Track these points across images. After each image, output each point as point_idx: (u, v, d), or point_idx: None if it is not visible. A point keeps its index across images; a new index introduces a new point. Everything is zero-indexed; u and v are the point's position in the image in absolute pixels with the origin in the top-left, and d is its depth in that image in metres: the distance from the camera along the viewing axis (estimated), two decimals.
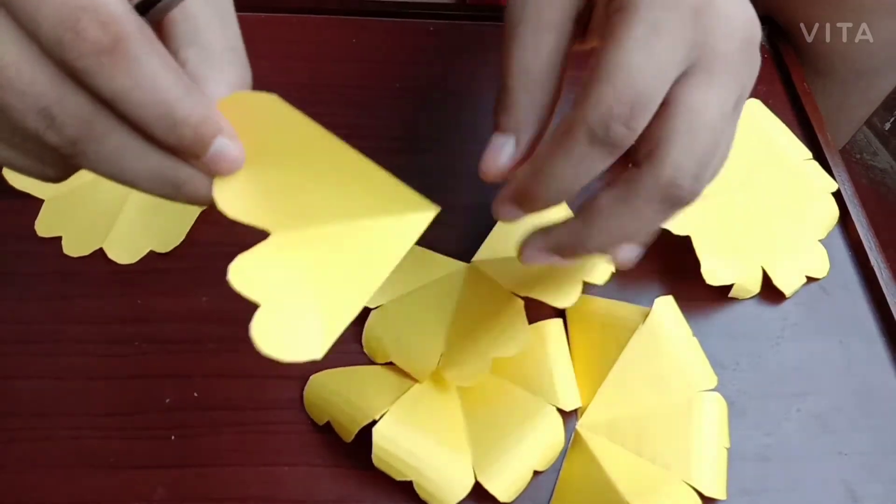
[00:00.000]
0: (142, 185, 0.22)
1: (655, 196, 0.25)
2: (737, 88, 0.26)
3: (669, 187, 0.25)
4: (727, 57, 0.25)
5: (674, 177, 0.25)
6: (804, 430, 0.36)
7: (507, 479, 0.32)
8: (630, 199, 0.26)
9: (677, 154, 0.25)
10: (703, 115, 0.25)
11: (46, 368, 0.35)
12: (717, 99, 0.25)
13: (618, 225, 0.26)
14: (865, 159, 1.17)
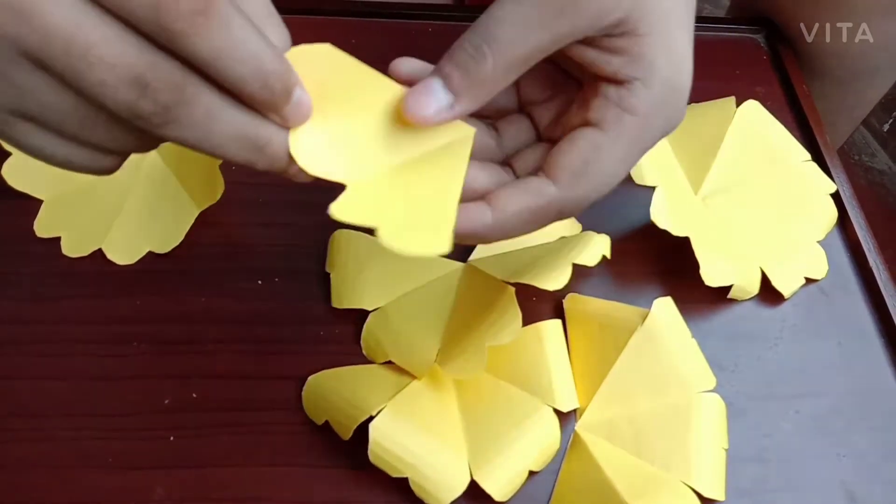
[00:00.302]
0: (228, 148, 0.23)
1: (557, 215, 0.28)
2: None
3: (572, 214, 0.28)
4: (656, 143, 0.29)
5: (580, 207, 0.28)
6: (802, 431, 0.36)
7: (503, 478, 0.32)
8: (541, 213, 0.28)
9: (593, 190, 0.28)
10: (625, 166, 0.28)
11: (45, 369, 0.35)
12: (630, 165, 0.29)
13: (523, 228, 0.28)
14: (864, 160, 1.17)
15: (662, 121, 0.27)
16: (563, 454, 0.34)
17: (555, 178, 0.27)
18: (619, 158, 0.27)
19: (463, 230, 0.26)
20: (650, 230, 0.37)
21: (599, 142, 0.27)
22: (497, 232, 0.27)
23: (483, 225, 0.27)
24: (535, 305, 0.38)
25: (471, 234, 0.27)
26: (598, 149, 0.27)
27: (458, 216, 0.26)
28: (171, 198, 0.40)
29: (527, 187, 0.27)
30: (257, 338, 0.37)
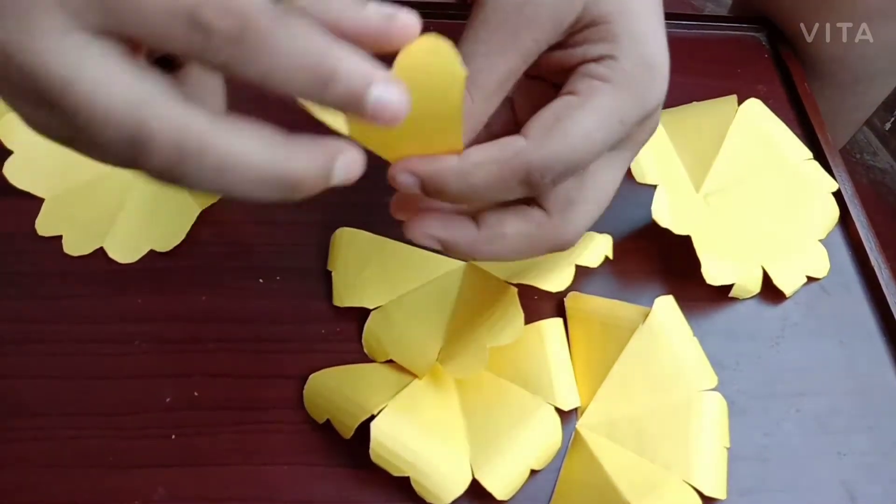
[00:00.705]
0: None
1: (551, 247, 0.29)
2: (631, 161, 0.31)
3: (565, 244, 0.29)
4: (639, 142, 0.30)
5: (572, 239, 0.29)
6: (804, 430, 0.36)
7: (505, 477, 0.32)
8: (534, 241, 0.28)
9: (585, 219, 0.29)
10: (612, 188, 0.30)
11: (46, 367, 0.35)
12: (621, 174, 0.30)
13: (512, 252, 0.28)
14: (866, 159, 1.17)
15: (637, 93, 0.27)
16: (565, 453, 0.34)
17: (525, 132, 0.26)
18: (592, 123, 0.26)
19: (426, 170, 0.26)
20: (651, 229, 0.37)
21: (571, 102, 0.27)
22: (460, 180, 0.26)
23: (447, 167, 0.26)
24: (537, 304, 0.38)
25: (433, 175, 0.26)
26: (570, 107, 0.26)
27: (426, 161, 0.26)
28: (173, 196, 0.40)
29: (497, 142, 0.26)
30: (259, 336, 0.37)
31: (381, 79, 0.21)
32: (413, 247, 0.39)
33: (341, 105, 0.21)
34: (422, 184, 0.26)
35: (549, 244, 0.29)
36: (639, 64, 0.27)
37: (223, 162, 0.20)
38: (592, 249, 0.37)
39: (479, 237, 0.28)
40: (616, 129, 0.27)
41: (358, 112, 0.21)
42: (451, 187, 0.26)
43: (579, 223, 0.29)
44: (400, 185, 0.26)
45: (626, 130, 0.27)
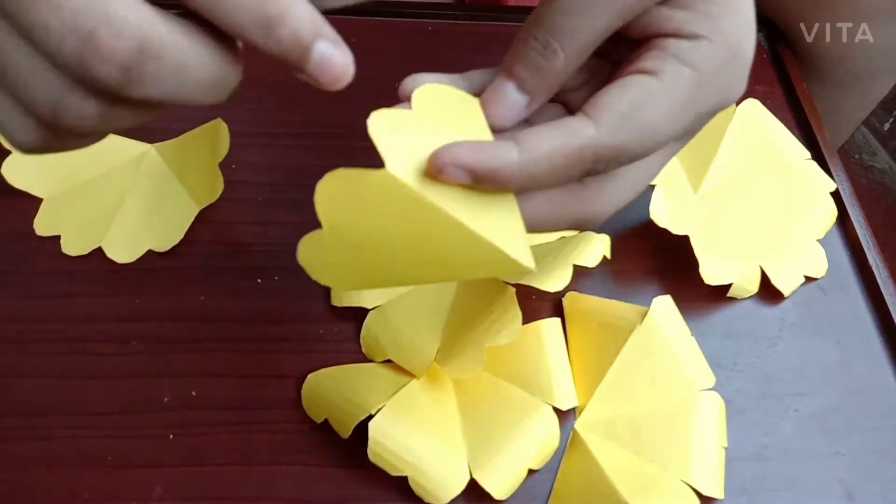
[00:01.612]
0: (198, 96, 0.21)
1: (577, 220, 0.26)
2: None
3: (592, 219, 0.26)
4: (696, 133, 0.28)
5: (600, 216, 0.26)
6: (801, 430, 0.36)
7: (502, 477, 0.32)
8: (558, 209, 0.26)
9: (616, 200, 0.27)
10: (654, 175, 0.27)
11: (45, 367, 0.35)
12: (665, 163, 0.28)
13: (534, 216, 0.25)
14: (864, 159, 1.17)
15: (722, 86, 0.25)
16: (563, 452, 0.34)
17: (597, 118, 0.24)
18: (670, 112, 0.24)
19: (482, 166, 0.22)
20: (649, 229, 0.37)
21: (653, 88, 0.24)
22: (522, 175, 0.23)
23: (507, 163, 0.23)
24: (535, 304, 0.38)
25: (491, 172, 0.23)
26: (651, 94, 0.24)
27: (479, 151, 0.22)
28: (171, 196, 0.40)
29: (562, 126, 0.24)
30: (257, 336, 0.37)
31: (329, 36, 0.20)
32: None
33: (284, 53, 0.20)
34: (473, 178, 0.23)
35: (575, 216, 0.26)
36: (732, 51, 0.25)
37: (181, 65, 0.19)
38: (590, 249, 0.37)
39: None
40: (691, 123, 0.25)
41: (300, 65, 0.20)
42: (512, 182, 0.23)
43: (611, 201, 0.26)
44: (448, 177, 0.23)
45: (698, 125, 0.26)
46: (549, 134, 0.23)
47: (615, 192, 0.26)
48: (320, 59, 0.20)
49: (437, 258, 0.24)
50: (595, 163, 0.24)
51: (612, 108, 0.24)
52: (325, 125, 0.44)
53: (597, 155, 0.24)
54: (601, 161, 0.24)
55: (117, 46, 0.18)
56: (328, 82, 0.21)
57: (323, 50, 0.20)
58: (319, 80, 0.21)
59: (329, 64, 0.20)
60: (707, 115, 0.25)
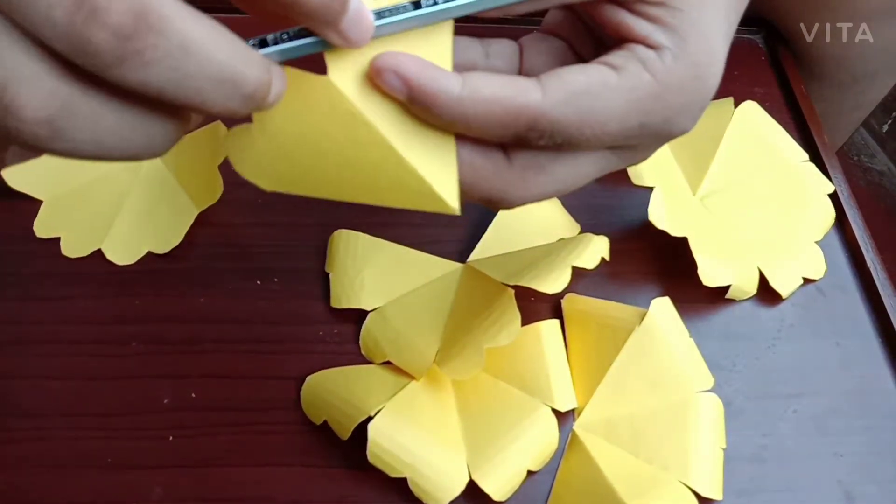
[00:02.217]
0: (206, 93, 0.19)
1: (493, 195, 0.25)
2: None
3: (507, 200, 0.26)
4: (632, 159, 0.27)
5: (517, 200, 0.25)
6: (800, 431, 0.36)
7: (501, 478, 0.32)
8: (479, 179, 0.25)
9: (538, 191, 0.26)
10: (580, 182, 0.26)
11: (45, 369, 0.35)
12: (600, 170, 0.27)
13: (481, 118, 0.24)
14: (863, 161, 1.18)
15: (675, 106, 0.25)
16: (562, 454, 0.34)
17: (547, 86, 0.23)
18: (619, 109, 0.24)
19: (420, 84, 0.22)
20: (648, 230, 0.37)
21: (610, 80, 0.24)
22: (456, 110, 0.23)
23: (447, 90, 0.22)
24: (534, 305, 0.38)
25: (428, 94, 0.22)
26: (606, 85, 0.24)
27: (423, 68, 0.22)
28: (171, 198, 0.40)
29: (511, 81, 0.23)
30: (256, 338, 0.37)
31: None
32: (411, 249, 0.39)
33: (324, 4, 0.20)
34: (408, 92, 0.22)
35: (489, 191, 0.25)
36: (693, 74, 0.25)
37: (186, 45, 0.18)
38: (589, 251, 0.37)
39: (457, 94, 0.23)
40: (634, 131, 0.25)
41: (335, 18, 0.20)
42: (441, 111, 0.23)
43: (530, 191, 0.25)
44: (383, 82, 0.22)
45: (641, 137, 0.25)
46: (497, 83, 0.23)
47: (537, 184, 0.25)
48: (355, 13, 0.20)
49: (363, 177, 0.23)
50: (528, 129, 0.23)
51: (565, 82, 0.23)
52: None
53: (534, 121, 0.23)
54: (535, 130, 0.23)
55: (114, 9, 0.16)
56: (358, 37, 0.21)
57: (357, 5, 0.20)
58: (349, 36, 0.21)
59: (362, 18, 0.21)
60: (650, 132, 0.25)
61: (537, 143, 0.24)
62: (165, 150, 0.21)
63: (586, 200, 0.41)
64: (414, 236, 0.39)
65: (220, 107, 0.19)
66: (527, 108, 0.23)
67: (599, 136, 0.24)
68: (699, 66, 0.25)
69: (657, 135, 0.26)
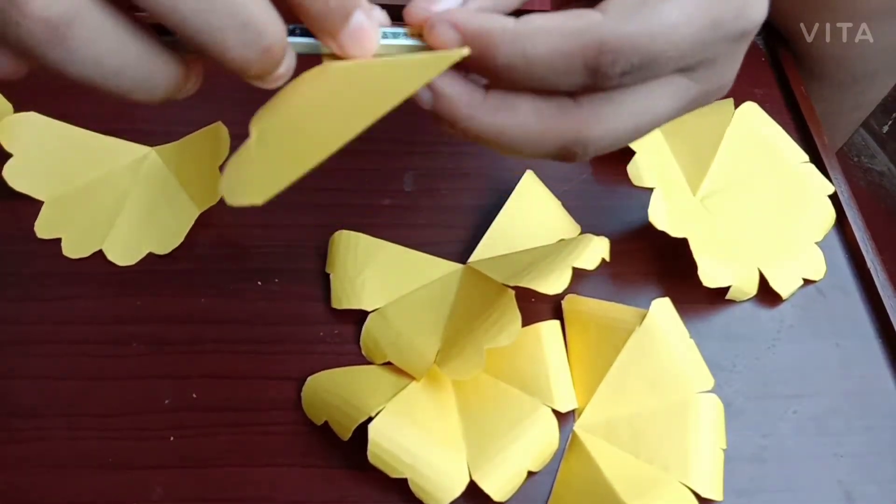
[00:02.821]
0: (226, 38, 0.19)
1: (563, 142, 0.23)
2: (692, 108, 0.26)
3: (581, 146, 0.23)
4: (717, 84, 0.26)
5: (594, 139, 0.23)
6: (800, 432, 0.36)
7: (502, 479, 0.32)
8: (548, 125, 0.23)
9: (615, 127, 0.23)
10: (662, 113, 0.24)
11: (45, 369, 0.35)
12: (678, 106, 0.25)
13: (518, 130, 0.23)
14: (863, 162, 1.18)
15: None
16: (562, 454, 0.34)
17: (604, 7, 0.22)
18: (684, 15, 0.22)
19: (473, 25, 0.21)
20: (648, 231, 0.37)
21: None
22: (514, 47, 0.21)
23: (501, 28, 0.21)
24: (534, 306, 0.38)
25: (482, 33, 0.21)
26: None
27: (474, 13, 0.21)
28: (172, 199, 0.40)
29: (566, 11, 0.22)
30: (257, 338, 0.37)
31: (365, 6, 0.20)
32: (411, 250, 0.39)
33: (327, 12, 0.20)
34: (464, 40, 0.21)
35: (565, 136, 0.23)
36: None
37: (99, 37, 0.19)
38: (589, 252, 0.37)
39: (484, 101, 0.23)
40: (707, 30, 0.22)
41: (334, 30, 0.20)
42: (500, 52, 0.21)
43: (606, 127, 0.23)
44: (437, 36, 0.22)
45: (715, 39, 0.23)
46: (552, 15, 0.21)
47: (611, 118, 0.23)
48: (356, 28, 0.20)
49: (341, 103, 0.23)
50: (600, 55, 0.21)
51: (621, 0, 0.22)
52: None
53: (602, 44, 0.21)
54: (608, 53, 0.21)
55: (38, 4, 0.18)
56: (355, 52, 0.20)
57: (360, 19, 0.20)
58: (346, 49, 0.20)
59: (362, 34, 0.20)
60: (724, 34, 0.23)
61: (616, 73, 0.22)
62: (158, 97, 0.21)
63: (587, 201, 0.42)
64: (414, 237, 0.39)
65: (236, 53, 0.19)
66: (589, 31, 0.21)
67: (675, 45, 0.22)
68: None
69: (731, 35, 0.23)
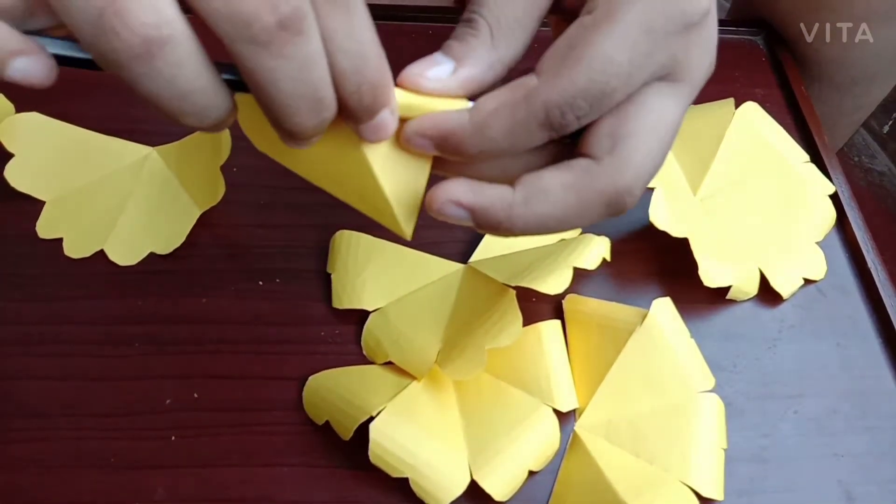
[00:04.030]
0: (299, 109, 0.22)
1: (607, 199, 0.24)
2: (689, 103, 0.26)
3: (624, 194, 0.24)
4: (695, 75, 0.25)
5: (630, 182, 0.24)
6: (801, 432, 0.36)
7: (503, 478, 0.32)
8: (583, 193, 0.24)
9: (641, 158, 0.24)
10: (667, 121, 0.25)
11: (47, 369, 0.35)
12: (677, 109, 0.25)
13: (560, 211, 0.24)
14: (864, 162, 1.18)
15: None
16: (563, 454, 0.34)
17: (537, 69, 0.23)
18: (611, 43, 0.23)
19: (438, 129, 0.24)
20: (649, 231, 0.38)
21: (585, 22, 0.23)
22: (477, 135, 0.23)
23: (460, 123, 0.24)
24: (535, 306, 0.38)
25: (447, 133, 0.24)
26: (583, 28, 0.23)
27: (436, 118, 0.24)
28: (173, 199, 0.40)
29: (508, 84, 0.24)
30: (258, 338, 0.37)
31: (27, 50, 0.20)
32: (412, 249, 0.39)
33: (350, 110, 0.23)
34: (436, 145, 0.24)
35: (604, 194, 0.24)
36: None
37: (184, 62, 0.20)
38: (590, 252, 0.37)
39: (515, 198, 0.24)
40: (643, 43, 0.23)
41: (356, 120, 0.23)
42: (468, 143, 0.24)
43: (635, 161, 0.24)
44: (415, 147, 0.25)
45: (658, 44, 0.23)
46: (496, 92, 0.24)
47: (635, 151, 0.24)
48: (381, 123, 0.23)
49: (341, 181, 0.26)
50: (548, 112, 0.23)
51: (548, 56, 0.23)
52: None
53: (546, 103, 0.23)
54: (554, 109, 0.23)
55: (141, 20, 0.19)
56: (371, 139, 0.23)
57: (384, 117, 0.23)
58: (365, 136, 0.23)
59: (383, 127, 0.23)
60: (663, 32, 0.23)
61: (572, 120, 0.23)
62: (206, 125, 0.22)
63: None
64: (415, 237, 0.39)
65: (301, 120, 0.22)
66: (530, 96, 0.23)
67: (615, 72, 0.23)
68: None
69: (674, 32, 0.24)
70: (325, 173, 0.26)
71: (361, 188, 0.26)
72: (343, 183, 0.26)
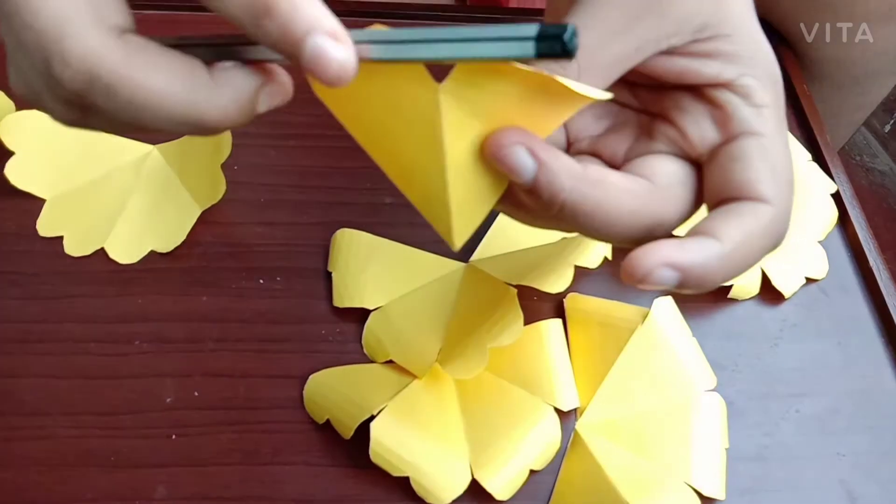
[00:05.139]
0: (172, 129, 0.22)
1: (779, 240, 0.26)
2: None
3: (782, 234, 0.26)
4: None
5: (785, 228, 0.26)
6: (802, 431, 0.36)
7: (504, 477, 0.32)
8: (774, 238, 0.26)
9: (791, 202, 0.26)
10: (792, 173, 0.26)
11: (47, 367, 0.35)
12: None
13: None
14: (865, 161, 1.18)
15: (781, 111, 0.25)
16: (564, 453, 0.34)
17: (759, 193, 0.24)
18: (783, 150, 0.25)
19: (687, 260, 0.23)
20: None
21: (762, 142, 0.24)
22: (727, 265, 0.24)
23: (713, 255, 0.23)
24: (536, 305, 0.38)
25: (696, 266, 0.23)
26: (766, 149, 0.24)
27: (683, 248, 0.23)
28: (174, 197, 0.40)
29: (738, 210, 0.24)
30: (259, 337, 0.37)
31: (327, 29, 0.19)
32: (413, 248, 0.39)
33: (274, 45, 0.19)
34: (682, 279, 0.23)
35: (653, 216, 0.25)
36: (772, 77, 0.25)
37: (134, 98, 0.20)
38: (592, 251, 0.37)
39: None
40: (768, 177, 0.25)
41: (294, 58, 0.19)
42: (715, 276, 0.24)
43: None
44: (657, 280, 0.23)
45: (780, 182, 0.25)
46: (735, 220, 0.24)
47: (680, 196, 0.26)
48: (313, 54, 0.19)
49: (403, 165, 0.24)
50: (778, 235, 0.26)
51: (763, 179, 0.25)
52: (327, 126, 0.44)
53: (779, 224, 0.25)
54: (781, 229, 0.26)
55: (67, 77, 0.20)
56: (325, 79, 0.19)
57: (317, 44, 0.19)
58: (316, 75, 0.19)
59: (323, 59, 0.19)
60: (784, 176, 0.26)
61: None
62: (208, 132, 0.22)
63: None
64: (416, 236, 0.39)
65: (188, 133, 0.22)
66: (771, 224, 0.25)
67: (792, 177, 0.25)
68: (770, 68, 0.25)
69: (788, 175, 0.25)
70: (399, 168, 0.24)
71: (425, 187, 0.24)
72: (405, 173, 0.24)
